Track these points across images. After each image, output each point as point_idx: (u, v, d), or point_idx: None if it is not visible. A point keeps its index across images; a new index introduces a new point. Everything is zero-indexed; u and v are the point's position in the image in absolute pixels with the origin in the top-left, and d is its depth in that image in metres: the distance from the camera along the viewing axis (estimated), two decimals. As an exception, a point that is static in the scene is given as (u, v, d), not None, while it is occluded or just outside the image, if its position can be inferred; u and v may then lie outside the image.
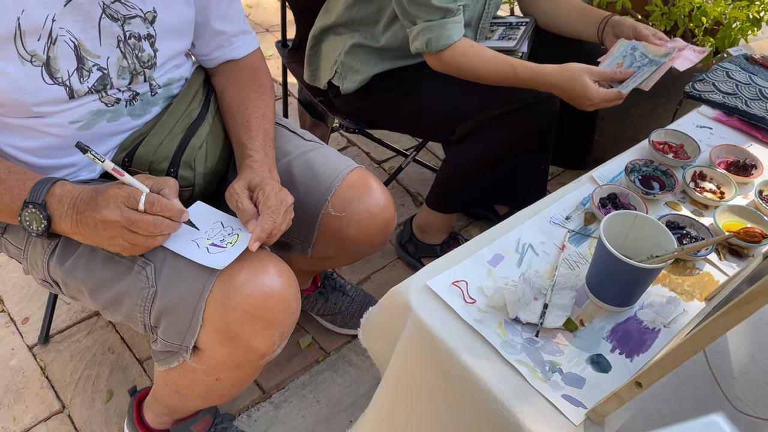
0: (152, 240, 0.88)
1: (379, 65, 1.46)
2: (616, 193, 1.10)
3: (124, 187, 0.88)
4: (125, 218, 0.85)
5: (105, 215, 0.85)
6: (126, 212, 0.85)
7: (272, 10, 2.92)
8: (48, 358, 1.50)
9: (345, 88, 1.47)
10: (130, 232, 0.86)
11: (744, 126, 1.33)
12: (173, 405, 1.18)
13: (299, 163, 1.16)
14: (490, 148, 1.46)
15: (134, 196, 0.86)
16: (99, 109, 0.99)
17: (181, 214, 0.90)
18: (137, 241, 0.87)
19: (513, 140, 1.43)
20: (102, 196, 0.86)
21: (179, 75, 1.11)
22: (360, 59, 1.45)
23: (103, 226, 0.86)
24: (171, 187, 0.92)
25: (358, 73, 1.44)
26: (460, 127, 1.44)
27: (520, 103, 1.38)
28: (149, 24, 1.02)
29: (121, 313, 0.99)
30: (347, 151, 2.19)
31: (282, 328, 0.97)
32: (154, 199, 0.87)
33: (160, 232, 0.88)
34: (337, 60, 1.46)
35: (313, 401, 1.45)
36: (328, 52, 1.50)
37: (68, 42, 0.93)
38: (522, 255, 0.99)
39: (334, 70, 1.47)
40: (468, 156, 1.49)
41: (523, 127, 1.41)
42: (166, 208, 0.88)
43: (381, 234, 1.17)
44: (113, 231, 0.86)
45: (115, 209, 0.85)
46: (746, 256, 1.03)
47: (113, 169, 0.88)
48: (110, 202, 0.85)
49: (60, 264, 0.99)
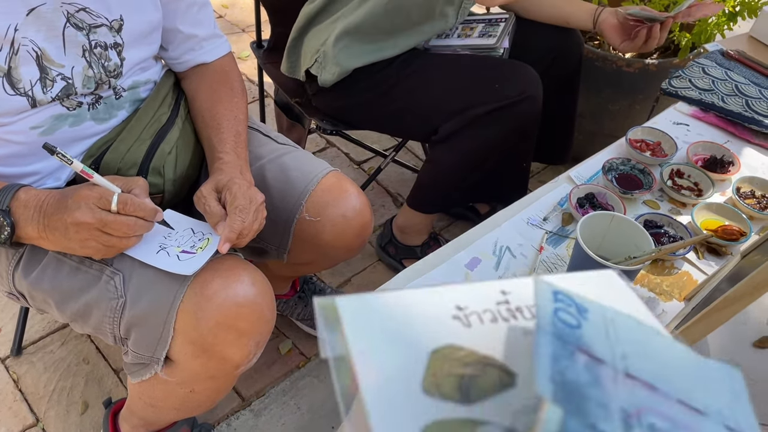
0: (126, 241, 0.86)
1: (362, 56, 1.42)
2: (594, 192, 1.09)
3: (95, 188, 0.85)
4: (98, 219, 0.83)
5: (77, 217, 0.82)
6: (98, 213, 0.83)
7: (248, 10, 2.88)
8: (21, 370, 1.47)
9: (323, 78, 1.43)
10: (103, 234, 0.84)
11: (721, 122, 1.33)
12: (148, 417, 1.15)
13: (273, 167, 1.13)
14: (473, 148, 1.44)
15: (106, 197, 0.84)
16: (60, 114, 0.96)
17: (155, 213, 0.88)
18: (111, 243, 0.85)
19: (496, 139, 1.42)
20: (72, 198, 0.84)
21: (146, 78, 1.08)
22: (342, 48, 1.40)
23: (75, 229, 0.83)
24: (141, 187, 0.90)
25: (338, 66, 1.40)
26: (443, 126, 1.43)
27: (504, 101, 1.37)
28: (116, 32, 0.99)
29: (89, 325, 0.96)
30: (326, 153, 2.17)
31: (257, 337, 0.95)
32: (126, 199, 0.85)
33: (134, 233, 0.86)
34: (319, 49, 1.42)
35: (294, 408, 1.43)
36: (310, 43, 1.47)
37: (31, 52, 0.90)
38: (499, 258, 0.98)
39: (315, 59, 1.44)
40: (451, 155, 1.48)
41: (507, 125, 1.40)
42: (140, 208, 0.86)
43: (357, 238, 1.15)
44: (86, 233, 0.83)
45: (87, 211, 0.83)
46: (725, 254, 1.03)
47: (82, 171, 0.85)
48: (81, 203, 0.83)
49: (25, 276, 0.96)
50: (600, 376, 0.35)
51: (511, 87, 1.37)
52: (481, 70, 1.42)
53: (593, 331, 0.38)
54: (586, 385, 0.34)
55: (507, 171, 1.53)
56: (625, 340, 0.39)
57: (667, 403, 0.36)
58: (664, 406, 0.36)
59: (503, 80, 1.38)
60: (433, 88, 1.42)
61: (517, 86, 1.37)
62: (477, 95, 1.38)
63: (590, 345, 0.37)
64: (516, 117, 1.40)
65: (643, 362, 0.38)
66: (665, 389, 0.37)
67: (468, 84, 1.38)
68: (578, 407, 0.32)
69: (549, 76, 1.44)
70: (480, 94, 1.38)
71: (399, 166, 2.06)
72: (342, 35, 1.38)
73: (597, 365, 0.36)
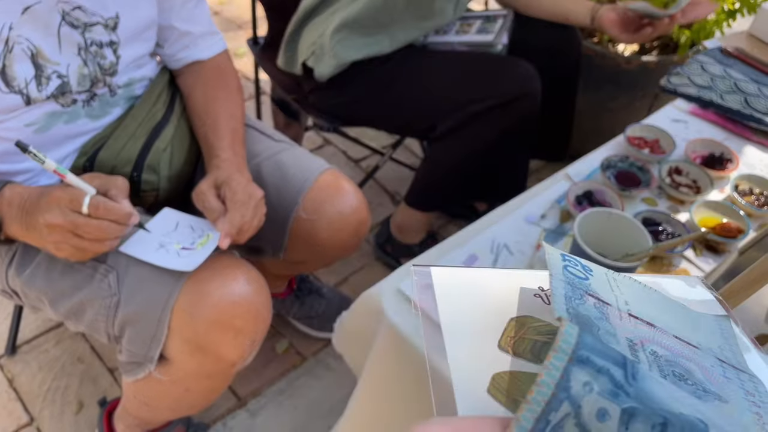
0: (99, 245, 0.83)
1: (359, 49, 1.40)
2: (592, 190, 1.08)
3: (68, 189, 0.82)
4: (68, 222, 0.80)
5: (48, 219, 0.80)
6: (69, 216, 0.80)
7: (245, 7, 2.87)
8: (15, 370, 1.46)
9: (319, 71, 1.42)
10: (75, 236, 0.81)
11: (719, 119, 1.32)
12: (143, 416, 1.14)
13: (269, 165, 1.13)
14: (471, 145, 1.43)
15: (78, 199, 0.80)
16: (54, 111, 0.95)
17: (128, 217, 0.83)
18: (83, 246, 0.82)
19: (495, 137, 1.41)
20: (45, 199, 0.82)
21: (141, 75, 1.07)
22: (340, 40, 1.38)
23: (48, 231, 0.81)
24: (119, 187, 0.85)
25: (335, 58, 1.39)
26: (441, 122, 1.42)
27: (502, 99, 1.36)
28: (111, 30, 0.98)
29: (83, 323, 0.95)
30: (323, 150, 2.16)
31: (252, 336, 0.94)
32: (98, 202, 0.80)
33: (106, 236, 0.82)
34: (316, 41, 1.41)
35: (290, 408, 1.42)
36: (307, 35, 1.45)
37: (26, 50, 0.89)
38: (497, 255, 0.97)
39: (311, 51, 1.42)
40: (449, 153, 1.47)
41: (505, 123, 1.40)
42: (112, 212, 0.81)
43: (354, 236, 1.14)
44: (58, 235, 0.81)
45: (58, 213, 0.80)
46: (723, 251, 1.02)
47: (54, 171, 0.81)
48: (53, 205, 0.80)
49: (18, 273, 0.95)
50: (607, 314, 0.42)
51: (509, 84, 1.36)
52: (479, 66, 1.41)
53: (598, 283, 0.45)
54: (596, 318, 0.41)
55: (506, 168, 1.52)
56: (627, 293, 0.45)
57: (666, 337, 0.43)
58: (663, 339, 0.42)
59: (501, 77, 1.37)
60: (430, 84, 1.41)
61: (516, 83, 1.36)
62: (475, 92, 1.37)
63: (596, 291, 0.44)
64: (514, 114, 1.39)
65: (643, 308, 0.44)
66: (664, 328, 0.43)
67: (466, 80, 1.37)
68: (590, 332, 0.38)
69: (547, 73, 1.43)
70: (478, 91, 1.37)
71: (397, 165, 2.05)
72: (340, 27, 1.36)
73: (603, 306, 0.43)
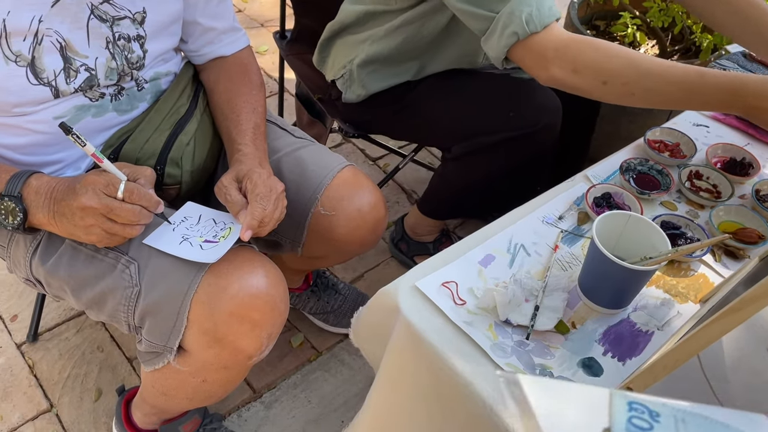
0: (129, 229, 0.87)
1: (388, 79, 1.40)
2: (611, 192, 1.08)
3: (103, 174, 0.86)
4: (103, 205, 0.84)
5: (83, 202, 0.83)
6: (104, 199, 0.84)
7: (268, 5, 2.90)
8: (36, 357, 1.49)
9: (346, 97, 1.42)
10: (107, 220, 0.85)
11: (741, 124, 1.31)
12: (160, 405, 1.16)
13: (289, 161, 1.14)
14: (483, 171, 1.43)
15: (113, 184, 0.85)
16: (83, 104, 0.97)
17: (157, 204, 0.89)
18: (114, 230, 0.86)
19: (510, 166, 1.41)
20: (80, 183, 0.85)
21: (166, 69, 1.09)
22: (370, 72, 1.39)
23: (81, 214, 0.84)
24: (147, 177, 0.90)
25: (364, 89, 1.39)
26: (455, 146, 1.42)
27: (517, 132, 1.34)
28: (138, 25, 1.00)
29: (104, 313, 0.97)
30: (341, 148, 2.17)
31: (270, 329, 0.95)
32: (133, 188, 0.86)
33: (138, 221, 0.87)
34: (347, 65, 1.40)
35: (304, 401, 1.44)
36: (340, 50, 1.44)
37: (55, 42, 0.91)
38: (514, 255, 0.97)
39: (341, 74, 1.43)
40: (461, 175, 1.47)
41: (523, 153, 1.38)
42: (145, 198, 0.87)
43: (372, 233, 1.15)
44: (91, 218, 0.84)
45: (94, 196, 0.84)
46: (742, 257, 1.01)
47: (92, 154, 0.86)
48: (89, 188, 0.84)
49: (42, 263, 0.97)
50: None
51: (527, 116, 1.34)
52: (500, 92, 1.38)
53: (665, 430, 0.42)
54: None
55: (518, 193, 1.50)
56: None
57: None
58: None
59: (520, 107, 1.35)
60: (449, 109, 1.39)
61: (535, 114, 1.34)
62: (488, 123, 1.35)
63: None
64: (530, 145, 1.37)
65: None
66: None
67: (481, 110, 1.35)
68: None
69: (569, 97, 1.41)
70: (491, 122, 1.35)
71: (415, 164, 2.05)
72: (372, 60, 1.36)
73: None
